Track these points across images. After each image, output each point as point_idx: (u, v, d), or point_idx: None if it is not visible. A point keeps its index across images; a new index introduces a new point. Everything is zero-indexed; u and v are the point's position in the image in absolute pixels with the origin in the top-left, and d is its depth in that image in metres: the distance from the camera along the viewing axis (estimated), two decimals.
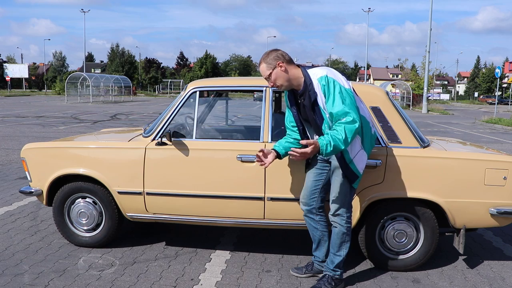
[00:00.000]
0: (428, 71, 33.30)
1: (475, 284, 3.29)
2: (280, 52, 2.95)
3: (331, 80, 2.82)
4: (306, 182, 3.20)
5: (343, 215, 3.04)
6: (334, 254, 3.11)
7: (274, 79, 2.93)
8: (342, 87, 2.81)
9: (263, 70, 2.96)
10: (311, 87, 2.85)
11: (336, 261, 3.09)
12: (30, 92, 59.29)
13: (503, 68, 71.98)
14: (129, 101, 38.25)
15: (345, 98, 2.77)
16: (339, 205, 3.02)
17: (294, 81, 2.94)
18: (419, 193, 3.30)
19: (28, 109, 22.98)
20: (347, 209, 3.05)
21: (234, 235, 4.18)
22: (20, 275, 3.24)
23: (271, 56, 2.93)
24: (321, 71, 2.87)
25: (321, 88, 2.82)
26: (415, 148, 3.34)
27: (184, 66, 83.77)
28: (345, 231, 3.06)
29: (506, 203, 3.30)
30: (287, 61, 2.93)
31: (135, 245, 3.90)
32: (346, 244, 3.09)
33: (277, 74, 2.91)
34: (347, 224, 3.06)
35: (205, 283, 3.19)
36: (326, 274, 3.12)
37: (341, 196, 3.00)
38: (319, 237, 3.25)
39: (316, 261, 3.31)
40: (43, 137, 11.13)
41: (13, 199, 5.27)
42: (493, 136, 15.28)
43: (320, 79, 2.83)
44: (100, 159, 3.61)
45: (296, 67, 2.96)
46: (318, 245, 3.28)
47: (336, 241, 3.08)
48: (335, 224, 3.07)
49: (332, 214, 3.07)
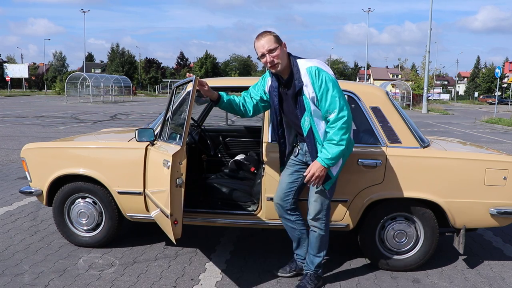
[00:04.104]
0: (428, 71, 33.30)
1: (475, 284, 3.29)
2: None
3: (322, 71, 2.79)
4: (281, 183, 3.17)
5: (322, 218, 3.03)
6: (314, 256, 3.11)
7: (278, 54, 2.81)
8: (335, 80, 2.82)
9: (270, 41, 2.81)
10: (297, 75, 2.82)
11: (316, 262, 3.12)
12: (30, 92, 59.32)
13: (503, 68, 71.98)
14: (129, 101, 38.25)
15: (338, 91, 2.78)
16: (319, 209, 3.00)
17: (287, 66, 2.89)
18: (419, 193, 3.30)
19: (28, 109, 22.98)
20: (326, 212, 3.03)
21: (234, 235, 4.18)
22: (20, 275, 3.24)
23: (276, 34, 2.86)
24: (311, 62, 2.85)
25: (309, 79, 2.78)
26: (415, 148, 3.34)
27: (184, 66, 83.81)
28: (324, 234, 3.06)
29: (506, 203, 3.30)
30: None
31: (135, 245, 3.90)
32: (325, 245, 3.11)
33: (283, 52, 2.85)
34: (326, 227, 3.06)
35: (205, 283, 3.19)
36: (308, 273, 3.14)
37: (320, 199, 2.99)
38: (298, 236, 3.24)
39: (298, 259, 3.32)
40: (43, 137, 11.13)
41: (13, 199, 5.27)
42: (493, 136, 15.28)
43: (309, 69, 2.79)
44: (100, 159, 3.61)
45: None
46: (298, 244, 3.28)
47: (316, 244, 3.08)
48: (314, 229, 3.06)
49: (311, 219, 3.05)
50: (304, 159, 3.07)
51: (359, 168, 3.30)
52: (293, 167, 3.12)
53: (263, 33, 2.86)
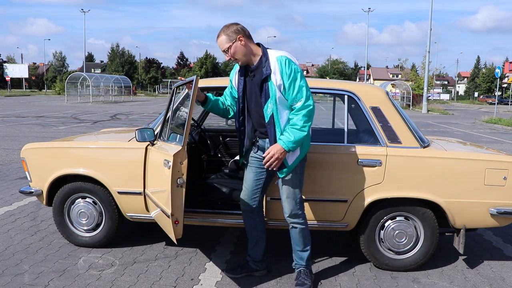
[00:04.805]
0: (428, 71, 33.30)
1: (475, 284, 3.29)
2: (240, 26, 2.95)
3: (291, 62, 2.87)
4: (247, 182, 3.18)
5: (298, 212, 3.06)
6: (301, 251, 3.14)
7: (233, 52, 2.91)
8: (302, 72, 2.91)
9: (222, 43, 2.92)
10: (267, 63, 2.89)
11: (305, 256, 3.15)
12: (30, 92, 59.31)
13: (503, 68, 71.97)
14: (129, 101, 38.25)
15: (305, 82, 2.89)
16: (293, 205, 3.04)
17: (252, 56, 2.96)
18: (419, 193, 3.30)
19: (28, 109, 22.98)
20: (300, 206, 3.07)
21: (234, 235, 4.18)
22: (20, 275, 3.24)
23: (232, 29, 2.92)
24: (281, 52, 2.93)
25: (278, 67, 2.85)
26: (415, 148, 3.34)
27: (184, 66, 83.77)
28: (304, 227, 3.11)
29: (506, 203, 3.31)
30: (247, 36, 2.94)
31: (135, 245, 3.90)
32: (309, 238, 3.14)
33: (237, 47, 2.92)
34: (304, 220, 3.11)
35: (205, 283, 3.19)
36: (301, 270, 3.15)
37: (292, 195, 3.02)
38: (257, 238, 3.26)
39: (251, 260, 3.31)
40: (43, 137, 11.13)
41: (13, 199, 5.27)
42: (493, 136, 15.28)
43: (280, 57, 2.87)
44: (100, 159, 3.61)
45: (255, 44, 2.99)
46: (255, 245, 3.28)
47: (300, 239, 3.11)
48: (294, 225, 3.09)
49: (289, 216, 3.07)
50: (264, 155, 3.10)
51: (359, 168, 3.30)
52: (255, 164, 3.14)
53: (219, 32, 2.95)
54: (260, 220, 3.24)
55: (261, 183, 3.15)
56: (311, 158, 3.24)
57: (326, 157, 3.34)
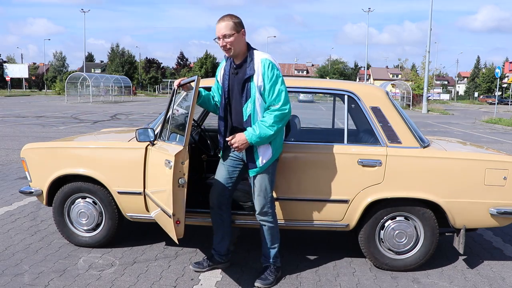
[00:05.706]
0: (428, 71, 33.30)
1: (475, 284, 3.29)
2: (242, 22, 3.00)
3: (275, 66, 2.92)
4: (219, 177, 3.23)
5: (268, 211, 3.11)
6: (269, 248, 3.20)
7: (232, 41, 2.92)
8: (283, 78, 2.96)
9: (227, 27, 2.91)
10: (251, 64, 2.94)
11: (272, 254, 3.21)
12: (30, 92, 59.31)
13: (503, 68, 71.94)
14: (129, 101, 38.23)
15: (285, 87, 2.94)
16: (263, 203, 3.09)
17: (242, 53, 3.00)
18: (419, 193, 3.30)
19: (28, 109, 22.98)
20: (271, 205, 3.12)
21: (234, 235, 4.18)
22: (20, 275, 3.24)
23: (238, 20, 2.96)
24: (266, 55, 2.98)
25: (261, 69, 2.90)
26: (415, 148, 3.34)
27: (184, 66, 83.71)
28: (273, 225, 3.16)
29: (506, 203, 3.31)
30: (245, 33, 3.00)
31: (135, 245, 3.90)
32: (277, 236, 3.20)
33: (238, 38, 2.95)
34: (274, 218, 3.15)
35: (205, 283, 3.19)
36: (269, 266, 3.21)
37: (263, 193, 3.07)
38: (223, 233, 3.33)
39: (216, 254, 3.37)
40: (43, 137, 11.13)
41: (13, 199, 5.27)
42: (493, 136, 15.28)
43: (264, 60, 2.92)
44: (100, 159, 3.61)
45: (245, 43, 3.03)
46: (221, 240, 3.34)
47: (268, 237, 3.17)
48: (263, 223, 3.15)
49: (258, 213, 3.13)
50: (240, 155, 3.13)
51: (359, 168, 3.30)
52: (229, 162, 3.19)
53: (224, 17, 2.96)
54: (227, 216, 3.31)
55: (233, 181, 3.21)
56: (311, 158, 3.24)
57: (326, 157, 3.34)
